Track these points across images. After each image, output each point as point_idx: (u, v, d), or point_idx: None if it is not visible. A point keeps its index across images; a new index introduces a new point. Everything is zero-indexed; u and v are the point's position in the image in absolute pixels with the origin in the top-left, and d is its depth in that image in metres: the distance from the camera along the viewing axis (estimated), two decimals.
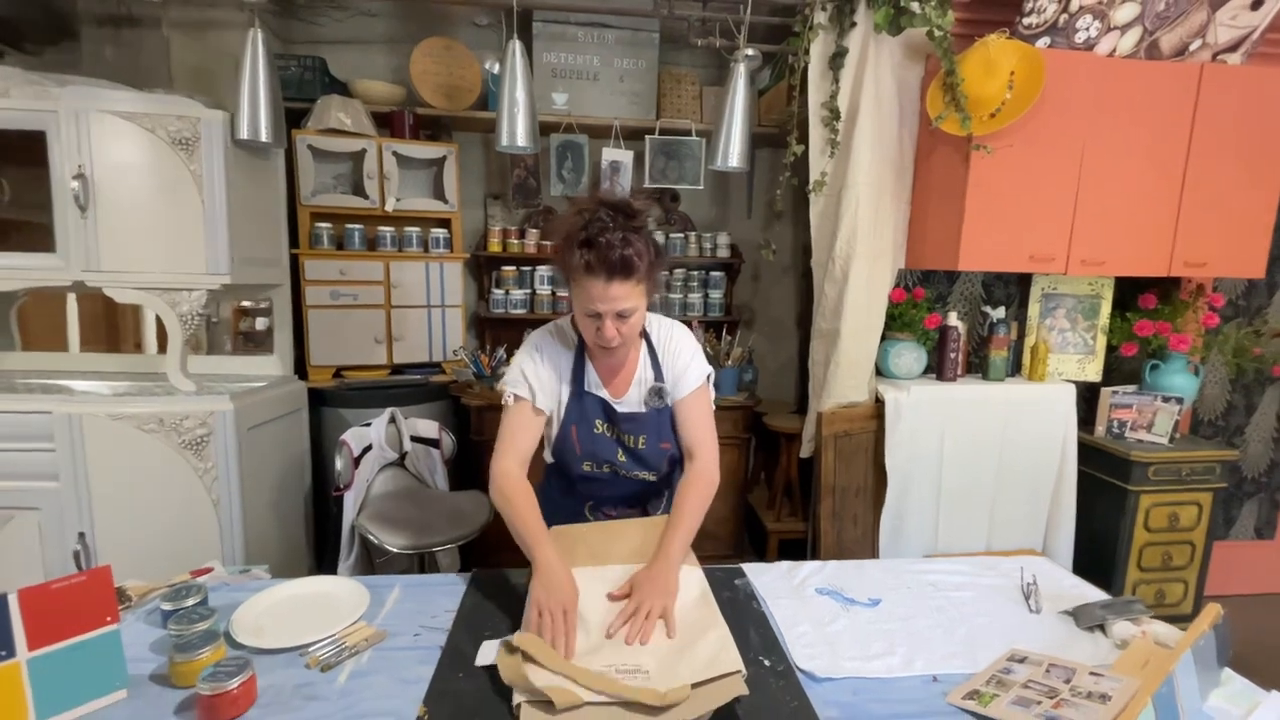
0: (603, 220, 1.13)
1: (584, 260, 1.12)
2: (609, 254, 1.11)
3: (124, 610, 1.19)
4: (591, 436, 1.31)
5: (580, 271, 1.13)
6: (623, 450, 1.32)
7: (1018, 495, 2.31)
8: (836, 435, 2.20)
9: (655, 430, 1.32)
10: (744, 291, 3.24)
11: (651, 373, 1.32)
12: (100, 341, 2.81)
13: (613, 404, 1.30)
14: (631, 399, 1.31)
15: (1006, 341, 2.32)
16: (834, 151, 2.14)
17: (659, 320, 1.36)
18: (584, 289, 1.14)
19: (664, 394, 1.31)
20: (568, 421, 1.30)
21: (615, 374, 1.32)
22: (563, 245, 1.16)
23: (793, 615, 1.22)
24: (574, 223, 1.14)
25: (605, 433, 1.31)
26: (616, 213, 1.14)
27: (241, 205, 2.03)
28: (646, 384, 1.32)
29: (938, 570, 1.44)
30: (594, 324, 1.18)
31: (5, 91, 1.87)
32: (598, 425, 1.30)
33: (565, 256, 1.15)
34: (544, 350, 1.29)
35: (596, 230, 1.12)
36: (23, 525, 1.92)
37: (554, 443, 1.34)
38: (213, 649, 0.99)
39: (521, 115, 2.08)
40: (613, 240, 1.11)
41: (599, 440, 1.31)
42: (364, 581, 1.29)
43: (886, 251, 2.21)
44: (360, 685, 0.99)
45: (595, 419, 1.30)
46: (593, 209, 1.15)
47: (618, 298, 1.14)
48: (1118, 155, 2.09)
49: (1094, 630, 1.20)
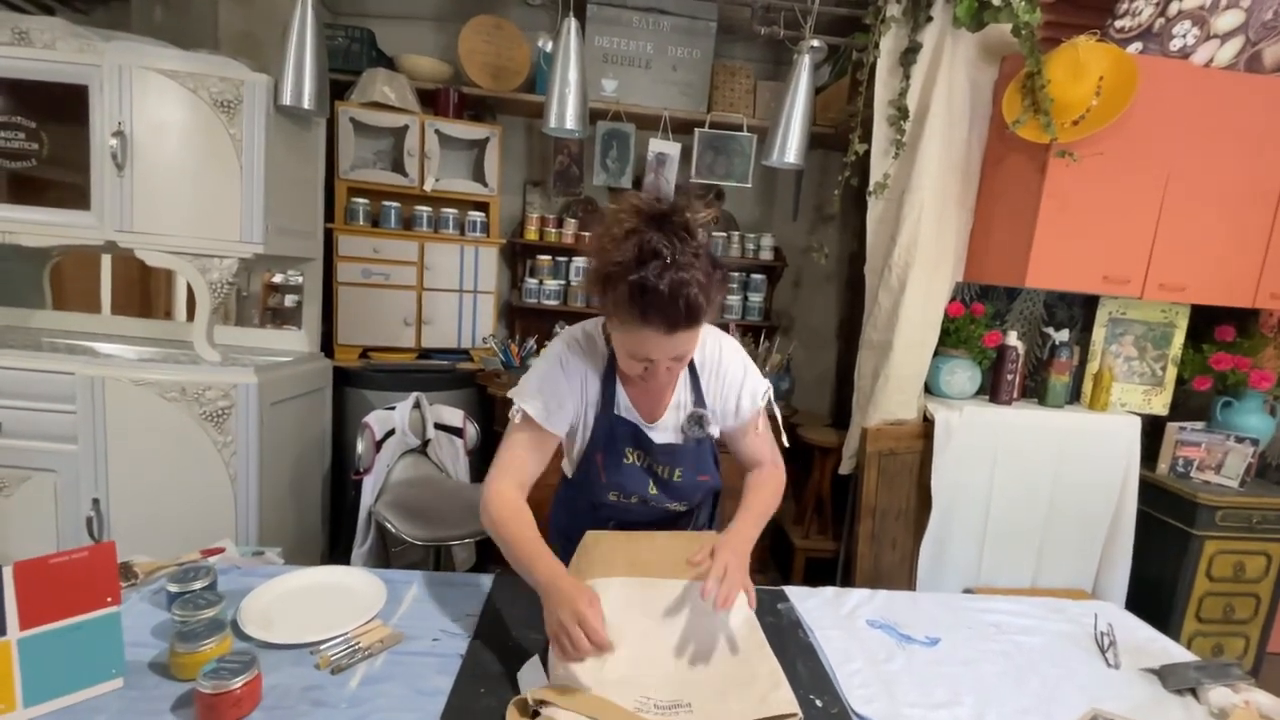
0: (659, 252, 0.88)
1: (639, 310, 0.90)
2: (673, 303, 0.88)
3: (128, 588, 1.12)
4: (620, 466, 1.14)
5: (633, 320, 0.91)
6: (655, 483, 1.16)
7: (1070, 531, 2.17)
8: (881, 453, 2.07)
9: (694, 462, 1.16)
10: (784, 297, 3.13)
11: (691, 396, 1.14)
12: (133, 306, 2.80)
13: (646, 431, 1.12)
14: (668, 424, 1.14)
15: (1068, 366, 2.18)
16: (898, 153, 2.02)
17: (703, 332, 1.11)
18: (634, 335, 0.94)
19: (704, 421, 1.13)
20: (592, 448, 1.13)
21: (650, 394, 1.13)
22: (605, 281, 0.92)
23: (844, 649, 1.11)
24: (623, 254, 0.89)
25: (636, 462, 1.14)
26: (674, 237, 0.89)
27: (279, 174, 1.97)
28: (684, 409, 1.14)
29: (999, 609, 1.31)
30: (641, 365, 1.00)
31: (51, 44, 1.83)
32: (628, 455, 1.13)
33: (609, 293, 0.92)
34: (568, 363, 1.09)
35: (655, 271, 0.87)
36: (39, 486, 1.88)
37: (575, 465, 1.18)
38: (217, 640, 0.91)
39: (572, 97, 2.00)
40: (676, 284, 0.87)
41: (628, 471, 1.14)
42: (381, 575, 1.21)
43: (947, 262, 2.08)
44: (373, 693, 0.90)
45: (625, 447, 1.13)
46: (645, 228, 0.90)
47: (678, 345, 0.96)
48: (1207, 174, 1.94)
49: (1183, 694, 1.07)
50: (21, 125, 1.88)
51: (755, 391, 1.16)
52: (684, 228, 0.91)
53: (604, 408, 1.11)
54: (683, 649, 1.00)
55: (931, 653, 1.13)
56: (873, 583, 2.13)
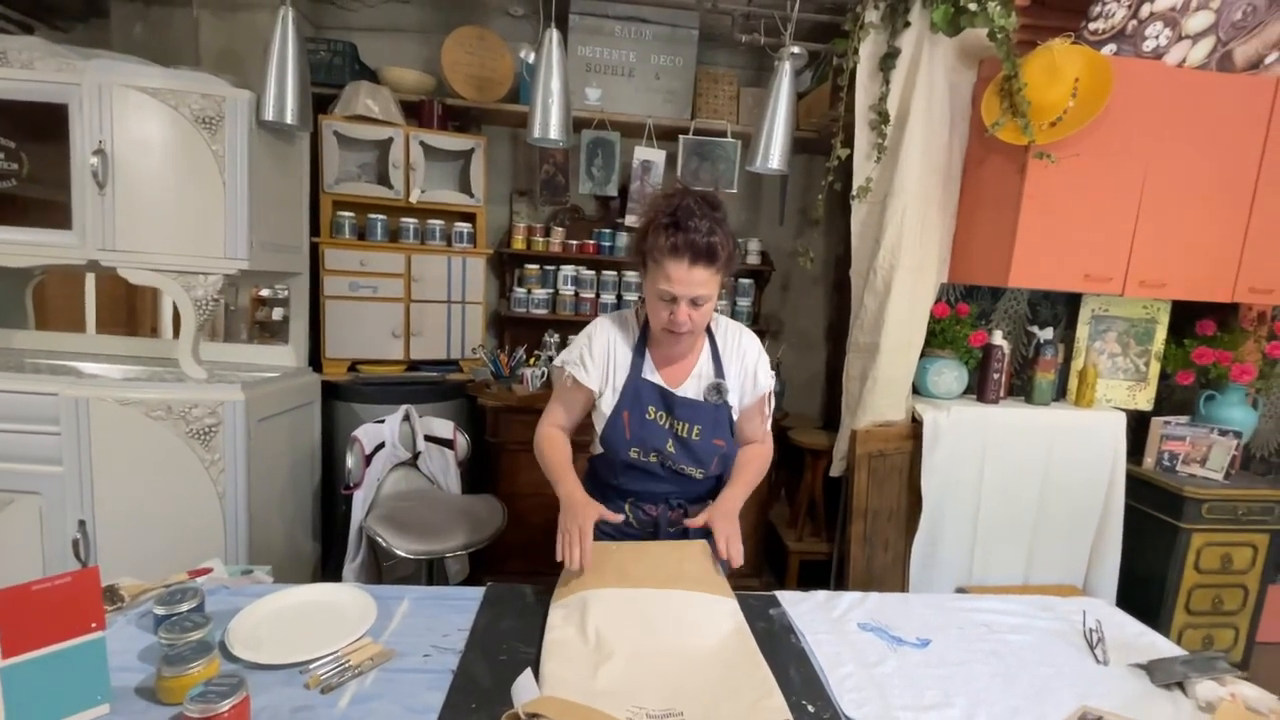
0: (690, 207, 1.15)
1: (670, 242, 1.13)
2: (695, 238, 1.13)
3: (115, 611, 1.11)
4: (643, 422, 1.29)
5: (665, 252, 1.14)
6: (674, 440, 1.29)
7: (1059, 527, 2.18)
8: (870, 455, 2.09)
9: (711, 423, 1.30)
10: (772, 301, 3.14)
11: (712, 368, 1.32)
12: (118, 324, 2.77)
13: (670, 390, 1.30)
14: (689, 390, 1.31)
15: (1054, 364, 2.20)
16: (880, 157, 2.04)
17: (726, 320, 1.38)
18: (664, 270, 1.15)
19: (723, 390, 1.29)
20: (620, 406, 1.28)
21: (673, 363, 1.32)
22: (648, 226, 1.18)
23: (835, 653, 1.12)
24: (662, 205, 1.17)
25: (657, 420, 1.29)
26: (703, 202, 1.16)
27: (263, 189, 1.97)
28: (706, 378, 1.31)
29: (989, 609, 1.32)
30: (668, 308, 1.19)
31: (30, 63, 1.82)
32: (650, 411, 1.29)
33: (650, 237, 1.17)
34: (605, 332, 1.32)
35: (686, 215, 1.14)
36: (23, 509, 1.85)
37: (603, 429, 1.32)
38: (205, 663, 0.91)
39: (555, 107, 2.00)
40: (700, 226, 1.13)
41: (650, 426, 1.29)
42: (371, 592, 1.20)
43: (931, 264, 2.10)
44: (364, 711, 0.90)
45: (649, 404, 1.29)
46: (681, 195, 1.17)
47: (698, 282, 1.15)
48: (1183, 172, 1.97)
49: (1171, 688, 1.08)
50: (1, 145, 1.87)
51: (768, 380, 1.35)
52: (712, 199, 1.19)
53: (632, 372, 1.29)
54: (674, 657, 1.00)
55: (922, 654, 1.14)
56: (866, 584, 2.14)
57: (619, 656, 0.98)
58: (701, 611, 1.10)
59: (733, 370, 1.32)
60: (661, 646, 1.01)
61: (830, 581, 2.38)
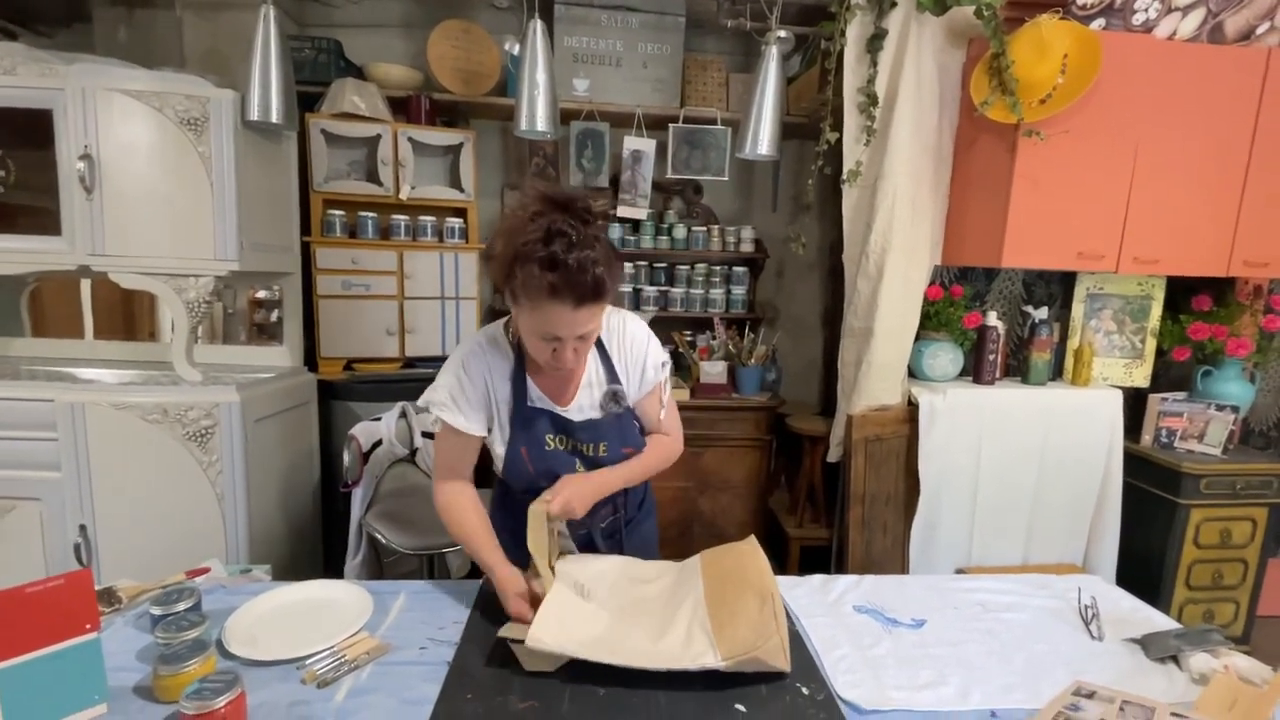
0: (565, 232, 0.94)
1: (548, 282, 0.94)
2: (580, 277, 0.94)
3: (113, 613, 1.12)
4: (544, 455, 1.16)
5: (541, 294, 0.95)
6: (581, 461, 1.19)
7: (1058, 506, 2.19)
8: (867, 439, 2.09)
9: (616, 435, 1.18)
10: (767, 288, 3.13)
11: (604, 373, 1.18)
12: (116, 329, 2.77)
13: (562, 415, 1.16)
14: (582, 404, 1.18)
15: (1049, 343, 2.20)
16: (870, 139, 2.03)
17: (606, 312, 1.17)
18: (543, 313, 0.98)
19: (621, 396, 1.18)
20: (514, 444, 1.15)
21: (559, 381, 1.17)
22: (513, 258, 0.96)
23: (831, 636, 1.12)
24: (528, 231, 0.95)
25: (559, 447, 1.17)
26: (576, 219, 0.96)
27: (251, 189, 1.96)
28: (599, 387, 1.18)
29: (985, 588, 1.32)
30: (549, 347, 1.03)
31: (12, 69, 1.81)
32: (549, 441, 1.16)
33: (518, 273, 0.96)
34: (472, 367, 1.13)
35: (562, 247, 0.93)
36: (25, 516, 1.86)
37: (503, 466, 1.20)
38: (201, 661, 0.91)
39: (542, 98, 1.99)
40: (583, 260, 0.94)
41: (553, 457, 1.17)
42: (368, 587, 1.21)
43: (923, 246, 2.09)
44: (359, 704, 0.90)
45: (545, 435, 1.16)
46: (547, 210, 0.96)
47: (583, 321, 1.00)
48: (1176, 146, 1.96)
49: (1165, 662, 1.08)
50: None
51: (658, 363, 1.21)
52: (586, 212, 0.99)
53: (516, 403, 1.15)
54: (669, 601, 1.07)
55: (918, 635, 1.14)
56: (865, 569, 2.14)
57: (607, 601, 1.06)
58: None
59: (623, 367, 1.19)
60: (655, 597, 1.10)
61: (830, 567, 2.38)
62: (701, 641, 0.97)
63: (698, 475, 2.58)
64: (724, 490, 2.61)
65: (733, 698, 0.93)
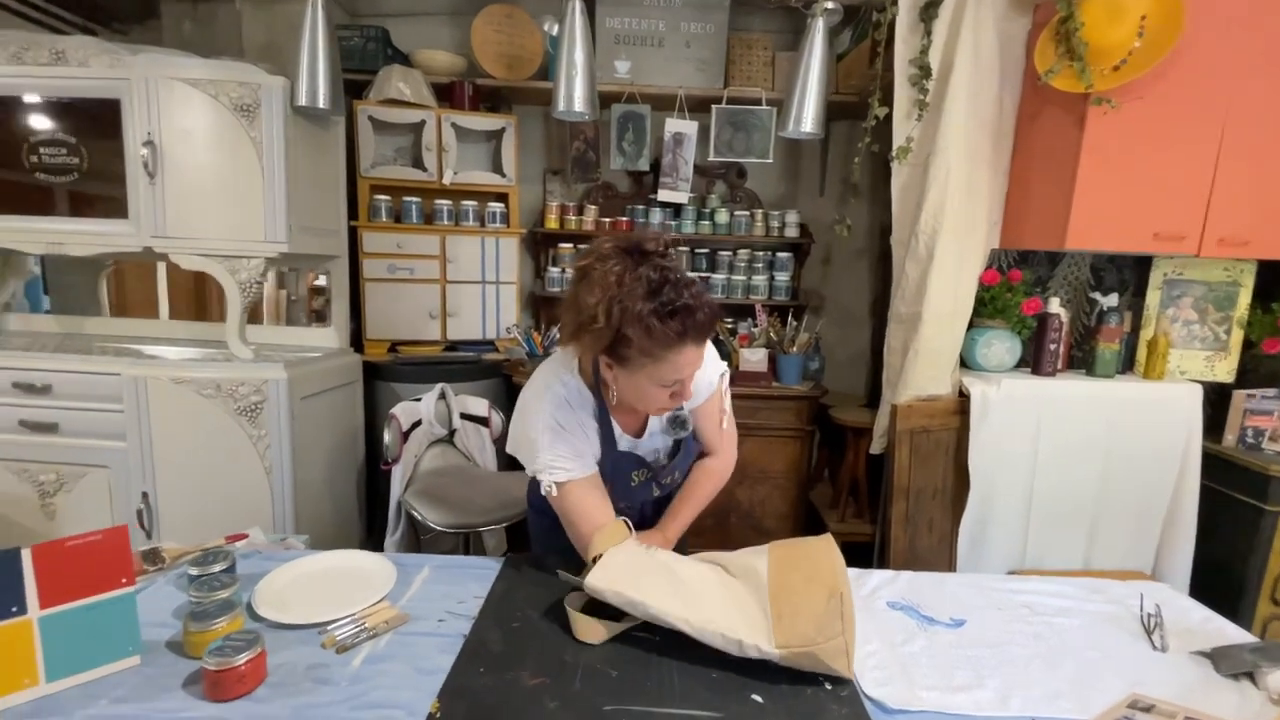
0: (666, 278, 0.94)
1: (674, 333, 0.93)
2: (699, 315, 0.95)
3: (156, 572, 1.17)
4: (629, 490, 1.23)
5: (668, 345, 0.95)
6: (658, 487, 1.27)
7: (1125, 508, 2.03)
8: (913, 431, 1.99)
9: (685, 459, 1.26)
10: (813, 275, 3.03)
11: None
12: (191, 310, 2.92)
13: (646, 458, 1.22)
14: (653, 431, 1.21)
15: (1119, 333, 2.03)
16: (922, 114, 1.91)
17: None
18: (668, 362, 0.97)
19: (686, 422, 1.20)
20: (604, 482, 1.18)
21: (637, 414, 1.18)
22: (621, 324, 0.93)
23: (860, 631, 1.05)
24: (630, 291, 0.93)
25: (641, 480, 1.23)
26: (666, 258, 0.97)
27: (301, 173, 2.02)
28: (665, 413, 1.18)
29: (1034, 590, 1.24)
30: (669, 391, 1.02)
31: (85, 61, 1.92)
32: (634, 478, 1.22)
33: (628, 335, 0.94)
34: (565, 423, 1.10)
35: (672, 294, 0.93)
36: (95, 481, 1.99)
37: None
38: (229, 619, 0.94)
39: (580, 79, 1.97)
40: (695, 296, 0.95)
41: (636, 490, 1.24)
42: (393, 559, 1.23)
43: (979, 228, 1.97)
44: (374, 671, 0.91)
45: (631, 472, 1.21)
46: (634, 264, 0.94)
47: (703, 354, 1.04)
48: (1272, 111, 1.76)
49: (1239, 679, 0.98)
50: (63, 141, 1.99)
51: (714, 374, 1.19)
52: (666, 247, 0.99)
53: (606, 448, 1.16)
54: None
55: (955, 635, 1.08)
56: (909, 567, 2.04)
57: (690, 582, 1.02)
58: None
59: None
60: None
61: (873, 564, 2.29)
62: (760, 625, 0.92)
63: (736, 465, 2.52)
64: (762, 481, 2.55)
65: (750, 688, 0.89)
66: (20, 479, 2.00)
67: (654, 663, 0.94)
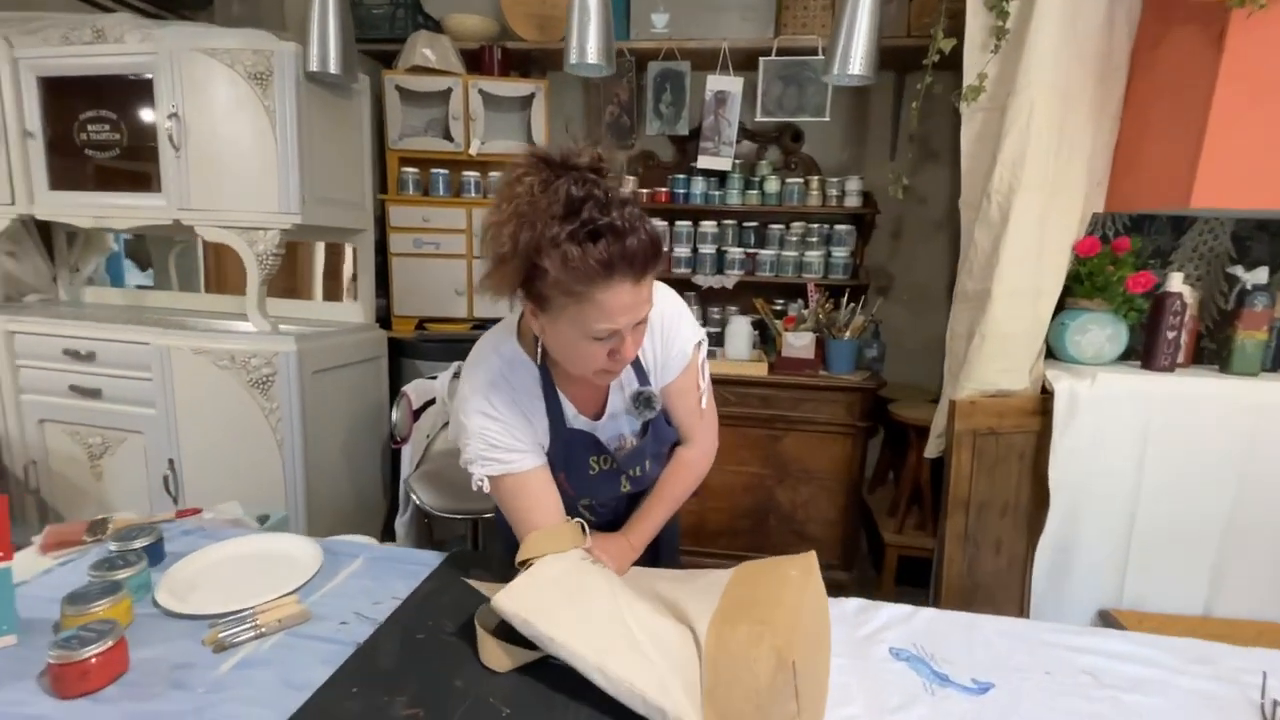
0: (590, 193, 0.73)
1: (595, 259, 0.72)
2: (633, 239, 0.73)
3: (93, 543, 1.13)
4: (587, 480, 1.02)
5: (592, 277, 0.73)
6: (627, 480, 1.05)
7: (1264, 542, 1.58)
8: (975, 432, 1.65)
9: (655, 445, 1.04)
10: (880, 251, 2.68)
11: (632, 372, 0.96)
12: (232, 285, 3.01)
13: (601, 439, 1.00)
14: (615, 411, 1.00)
15: (1267, 318, 1.57)
16: (999, 44, 1.56)
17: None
18: (595, 304, 0.76)
19: (652, 401, 0.97)
20: (554, 470, 0.99)
21: (594, 388, 0.97)
22: (535, 253, 0.74)
23: (843, 685, 0.83)
24: (544, 210, 0.73)
25: (602, 468, 1.02)
26: (594, 176, 0.75)
27: (316, 143, 1.98)
28: (627, 385, 0.98)
29: (1105, 650, 0.93)
30: (605, 348, 0.81)
31: (120, 37, 1.97)
32: (593, 465, 1.01)
33: (543, 265, 0.74)
34: (499, 405, 0.92)
35: (596, 210, 0.72)
36: (132, 446, 2.07)
37: None
38: (110, 604, 0.86)
39: (594, 26, 1.78)
40: (628, 218, 0.74)
41: (597, 481, 1.03)
42: (328, 546, 1.12)
43: (1073, 186, 1.59)
44: (239, 679, 0.80)
45: (588, 459, 1.00)
46: (561, 176, 0.74)
47: (645, 299, 0.80)
48: None
49: None
50: (105, 118, 2.06)
51: (688, 342, 0.97)
52: (598, 163, 0.77)
53: (554, 425, 0.97)
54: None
55: (974, 703, 0.81)
56: (967, 594, 1.72)
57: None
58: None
59: (653, 354, 0.96)
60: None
61: (930, 583, 1.97)
62: (695, 693, 0.72)
63: (775, 461, 2.27)
64: (806, 481, 2.27)
65: None
66: (73, 440, 2.12)
67: (559, 706, 0.76)
